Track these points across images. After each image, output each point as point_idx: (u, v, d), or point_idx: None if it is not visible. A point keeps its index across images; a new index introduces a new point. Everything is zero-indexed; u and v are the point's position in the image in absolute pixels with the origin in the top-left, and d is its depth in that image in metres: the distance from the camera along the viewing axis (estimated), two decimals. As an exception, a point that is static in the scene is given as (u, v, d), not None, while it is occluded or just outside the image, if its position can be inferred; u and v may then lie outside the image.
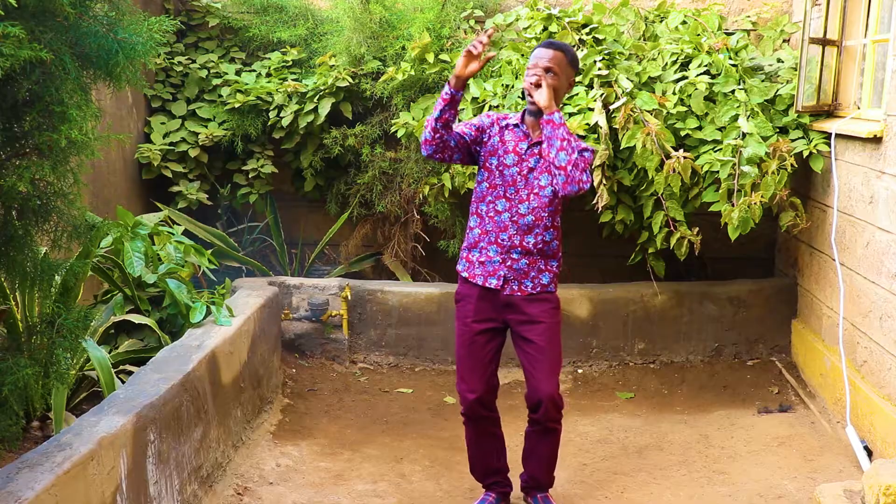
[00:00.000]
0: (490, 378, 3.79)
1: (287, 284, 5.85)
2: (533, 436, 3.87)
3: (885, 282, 4.39)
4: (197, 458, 3.79)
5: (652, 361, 5.86)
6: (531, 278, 3.72)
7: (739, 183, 5.00)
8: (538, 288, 3.73)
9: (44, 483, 2.60)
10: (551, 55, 3.58)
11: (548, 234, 3.71)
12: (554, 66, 3.58)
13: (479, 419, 3.82)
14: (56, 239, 3.12)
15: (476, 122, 3.75)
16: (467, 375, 3.77)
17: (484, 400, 3.77)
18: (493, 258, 3.71)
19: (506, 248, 3.69)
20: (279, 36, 6.41)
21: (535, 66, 3.59)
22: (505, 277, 3.70)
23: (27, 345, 3.26)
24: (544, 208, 3.67)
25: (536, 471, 3.92)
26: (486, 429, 3.87)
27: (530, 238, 3.68)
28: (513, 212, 3.67)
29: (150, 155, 6.14)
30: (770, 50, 5.85)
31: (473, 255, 3.77)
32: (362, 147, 6.16)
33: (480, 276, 3.74)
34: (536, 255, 3.71)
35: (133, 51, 2.97)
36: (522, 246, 3.68)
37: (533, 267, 3.71)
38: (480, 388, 3.75)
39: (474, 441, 3.89)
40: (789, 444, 4.68)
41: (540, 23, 5.66)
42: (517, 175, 3.66)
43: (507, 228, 3.68)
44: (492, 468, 3.95)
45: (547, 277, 3.75)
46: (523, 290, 3.72)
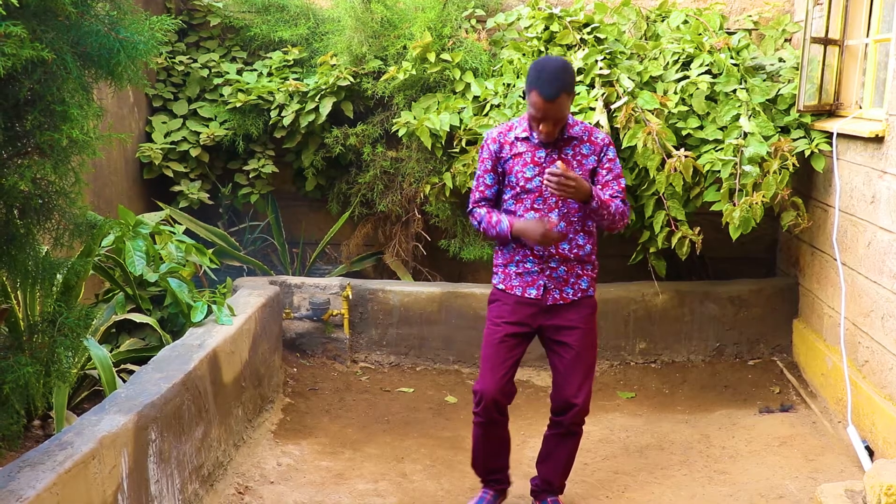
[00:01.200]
0: (509, 382, 3.73)
1: (288, 284, 5.85)
2: (553, 439, 3.85)
3: (887, 281, 4.38)
4: (198, 457, 3.79)
5: (653, 361, 5.86)
6: (571, 284, 3.70)
7: (741, 182, 5.00)
8: (579, 294, 3.72)
9: (45, 482, 2.61)
10: (554, 107, 3.46)
11: (581, 239, 3.69)
12: (561, 114, 3.51)
13: (490, 422, 3.76)
14: (57, 238, 3.12)
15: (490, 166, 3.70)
16: (489, 376, 3.70)
17: (500, 403, 3.72)
18: (530, 269, 3.69)
19: (543, 258, 3.67)
20: (280, 35, 6.41)
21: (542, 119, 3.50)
22: (545, 287, 3.68)
23: (28, 343, 3.25)
24: (574, 213, 3.64)
25: (552, 474, 3.90)
26: (496, 432, 3.82)
27: (565, 245, 3.66)
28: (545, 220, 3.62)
29: (152, 154, 6.15)
30: (772, 49, 5.85)
31: (510, 268, 3.74)
32: (363, 146, 6.16)
33: (519, 286, 3.72)
34: (574, 262, 3.69)
35: (134, 50, 2.97)
36: (559, 254, 3.66)
37: (571, 273, 3.70)
38: (499, 391, 3.69)
39: (482, 441, 3.85)
40: (790, 443, 4.68)
41: (541, 22, 5.66)
42: (541, 185, 3.60)
43: None
44: (495, 466, 3.94)
45: (586, 282, 3.74)
46: (565, 297, 3.70)
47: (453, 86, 5.91)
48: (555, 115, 3.48)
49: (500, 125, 3.87)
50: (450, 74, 5.88)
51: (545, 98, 3.44)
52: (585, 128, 3.69)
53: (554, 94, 3.44)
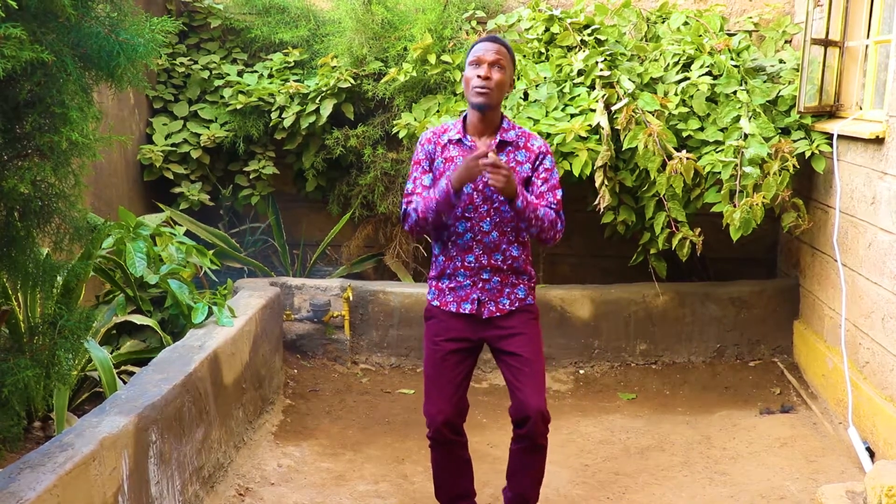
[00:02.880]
0: (459, 401, 3.55)
1: (289, 285, 5.85)
2: (519, 453, 3.63)
3: (888, 283, 4.38)
4: (198, 459, 3.80)
5: (654, 362, 5.86)
6: (507, 295, 3.52)
7: (741, 184, 5.00)
8: (516, 303, 3.54)
9: (45, 483, 2.61)
10: (495, 48, 3.36)
11: (515, 250, 3.50)
12: (500, 59, 3.36)
13: (446, 443, 3.56)
14: (58, 240, 3.12)
15: (427, 165, 3.53)
16: (435, 397, 3.52)
17: (453, 423, 3.53)
18: (462, 283, 3.50)
19: (474, 269, 3.48)
20: (281, 37, 6.42)
21: (480, 62, 3.36)
22: (479, 300, 3.50)
23: (29, 345, 3.25)
24: (507, 223, 3.45)
25: (523, 488, 3.68)
26: (454, 453, 3.62)
27: (498, 255, 3.47)
28: (475, 231, 3.45)
29: (152, 156, 6.15)
30: (772, 51, 5.85)
31: (443, 283, 3.55)
32: (364, 148, 6.17)
33: (453, 302, 3.52)
34: (507, 272, 3.51)
35: (135, 52, 2.97)
36: (491, 265, 3.47)
37: (506, 283, 3.52)
38: (449, 411, 3.51)
39: (440, 465, 3.65)
40: (791, 445, 4.68)
41: (542, 24, 5.66)
42: (473, 192, 3.42)
43: (473, 249, 3.47)
44: (458, 493, 3.71)
45: (523, 291, 3.56)
46: (501, 308, 3.52)
47: (454, 87, 5.91)
48: (493, 57, 3.34)
49: (435, 126, 3.69)
50: (450, 76, 5.88)
51: (483, 41, 3.40)
52: (522, 133, 3.52)
53: (493, 39, 3.40)
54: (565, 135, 5.12)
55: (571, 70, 5.43)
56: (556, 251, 6.32)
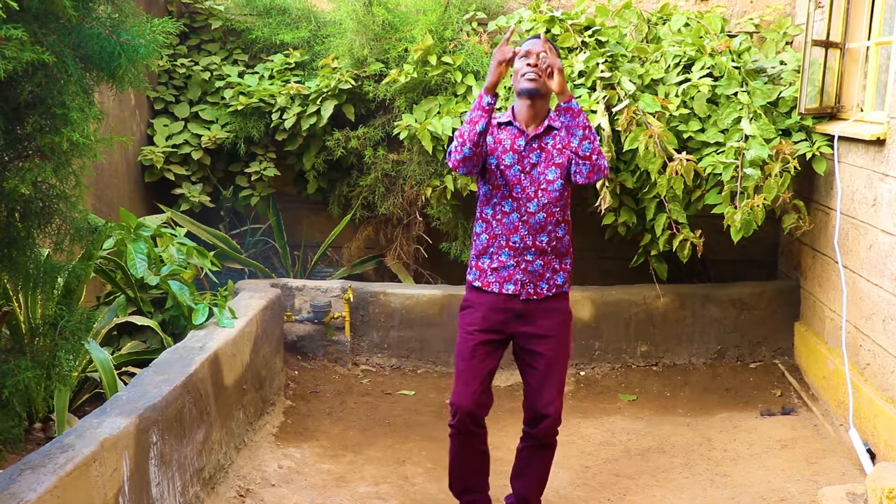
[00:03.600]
0: (484, 392, 3.63)
1: (289, 286, 5.85)
2: (527, 451, 3.72)
3: (888, 284, 4.38)
4: (199, 460, 3.79)
5: (654, 364, 5.86)
6: (546, 279, 3.60)
7: (742, 185, 5.00)
8: (553, 289, 3.61)
9: (46, 484, 2.61)
10: (541, 44, 3.44)
11: (560, 230, 3.60)
12: (549, 51, 3.42)
13: (467, 433, 3.65)
14: (58, 241, 3.12)
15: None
16: (462, 387, 3.61)
17: (476, 415, 3.62)
18: (506, 262, 3.57)
19: (518, 249, 3.56)
20: (282, 38, 6.41)
21: (530, 54, 3.46)
22: (521, 281, 3.58)
23: (30, 346, 3.25)
24: (555, 203, 3.55)
25: (527, 489, 3.77)
26: (473, 445, 3.70)
27: (543, 237, 3.56)
28: (522, 211, 3.54)
29: (153, 157, 6.15)
30: (773, 52, 5.85)
31: (484, 262, 3.62)
32: (365, 149, 6.16)
33: (496, 283, 3.59)
34: (551, 255, 3.59)
35: (135, 53, 2.97)
36: (536, 246, 3.55)
37: (548, 268, 3.59)
38: (475, 403, 3.59)
39: (458, 456, 3.73)
40: (792, 446, 4.68)
41: (543, 25, 5.66)
42: (520, 173, 3.54)
43: (518, 229, 3.55)
44: (471, 486, 3.79)
45: (562, 277, 3.64)
46: (539, 292, 3.58)
47: (455, 89, 5.91)
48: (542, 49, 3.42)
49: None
50: (451, 77, 5.88)
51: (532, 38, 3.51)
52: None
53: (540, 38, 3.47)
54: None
55: (572, 71, 5.43)
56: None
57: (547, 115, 3.59)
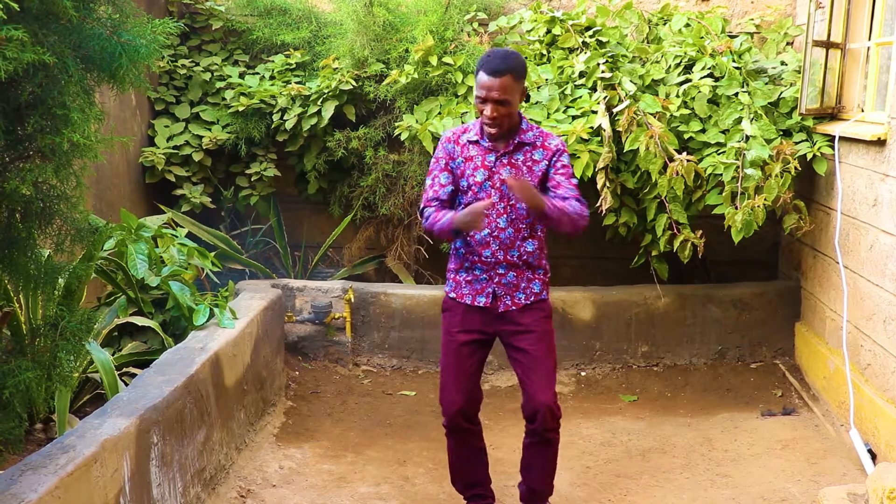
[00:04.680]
0: (473, 390, 3.71)
1: (290, 287, 5.85)
2: (531, 447, 3.78)
3: (889, 284, 4.38)
4: (200, 461, 3.80)
5: (655, 364, 5.85)
6: (522, 289, 3.65)
7: (743, 186, 5.00)
8: (531, 297, 3.66)
9: (47, 485, 2.61)
10: (499, 83, 3.38)
11: (529, 245, 3.62)
12: (506, 96, 3.40)
13: (461, 431, 3.74)
14: (59, 242, 3.12)
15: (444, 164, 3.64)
16: (450, 387, 3.69)
17: (466, 412, 3.69)
18: (479, 276, 3.64)
19: (490, 264, 3.62)
20: (283, 38, 6.41)
21: (486, 100, 3.41)
22: (494, 294, 3.64)
23: (31, 347, 3.25)
24: (522, 219, 3.58)
25: (535, 482, 3.83)
26: (469, 441, 3.78)
27: (514, 251, 3.61)
28: (492, 227, 3.57)
29: (154, 158, 6.15)
30: (773, 53, 5.85)
31: (460, 275, 3.70)
32: (366, 150, 6.16)
33: (469, 295, 3.67)
34: (522, 267, 3.63)
35: (136, 53, 2.97)
36: (507, 260, 3.61)
37: (521, 278, 3.64)
38: (462, 400, 3.67)
39: (456, 453, 3.82)
40: (793, 447, 4.67)
41: (543, 25, 5.66)
42: (490, 189, 3.56)
43: (490, 244, 3.59)
44: (473, 480, 3.88)
45: (538, 285, 3.68)
46: (517, 302, 3.65)
47: (455, 89, 5.91)
48: (499, 95, 3.38)
49: (456, 127, 3.83)
50: (452, 78, 5.88)
51: (488, 73, 3.39)
52: (540, 133, 3.61)
53: (498, 69, 3.38)
54: (567, 137, 5.12)
55: (573, 72, 5.43)
56: (558, 253, 6.31)
57: (517, 130, 3.58)
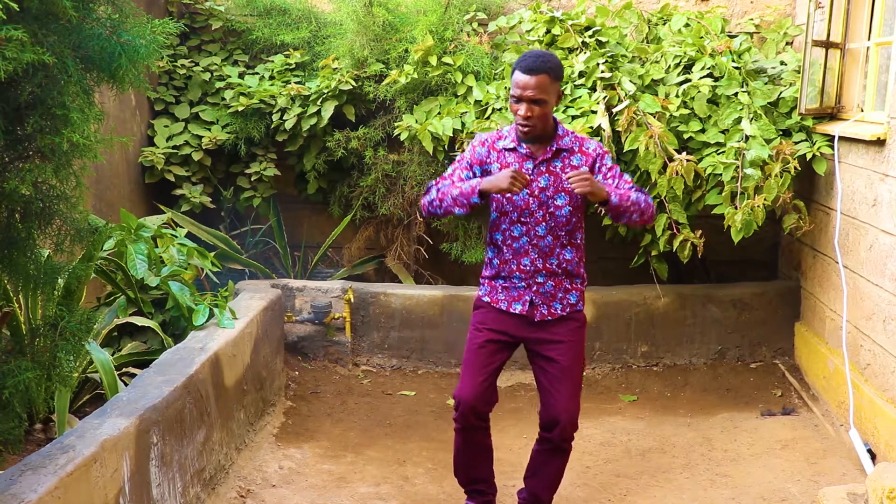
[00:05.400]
0: (489, 389, 3.64)
1: (290, 287, 5.85)
2: (542, 454, 3.75)
3: (889, 284, 4.38)
4: (200, 461, 3.79)
5: (655, 364, 5.85)
6: (559, 300, 3.61)
7: (742, 186, 5.00)
8: (567, 308, 3.62)
9: (47, 485, 2.61)
10: (535, 82, 3.35)
11: (568, 253, 3.59)
12: (542, 95, 3.38)
13: (471, 429, 3.68)
14: (59, 242, 3.12)
15: (473, 159, 3.61)
16: (467, 382, 3.62)
17: (479, 410, 3.64)
18: (517, 284, 3.60)
19: (529, 273, 3.57)
20: (282, 39, 6.41)
21: (521, 99, 3.39)
22: (531, 302, 3.59)
23: (30, 347, 3.25)
24: (562, 227, 3.55)
25: (541, 490, 3.79)
26: (477, 439, 3.74)
27: (553, 259, 3.57)
28: (531, 235, 3.54)
29: (154, 158, 6.15)
30: (773, 53, 5.85)
31: (497, 282, 3.65)
32: (365, 150, 6.16)
33: (504, 301, 3.62)
34: (561, 276, 3.60)
35: (136, 53, 2.97)
36: (546, 268, 3.57)
37: (559, 288, 3.60)
38: (478, 398, 3.61)
39: (463, 449, 3.77)
40: (792, 447, 4.68)
41: (543, 25, 5.66)
42: (529, 197, 3.52)
43: (529, 253, 3.56)
44: (476, 477, 3.84)
45: (575, 296, 3.64)
46: (553, 312, 3.60)
47: (455, 89, 5.91)
48: (534, 94, 3.36)
49: (491, 131, 3.78)
50: (451, 78, 5.88)
51: (523, 70, 3.36)
52: (576, 138, 3.59)
53: (534, 67, 3.36)
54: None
55: (572, 72, 5.43)
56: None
57: (555, 132, 3.55)
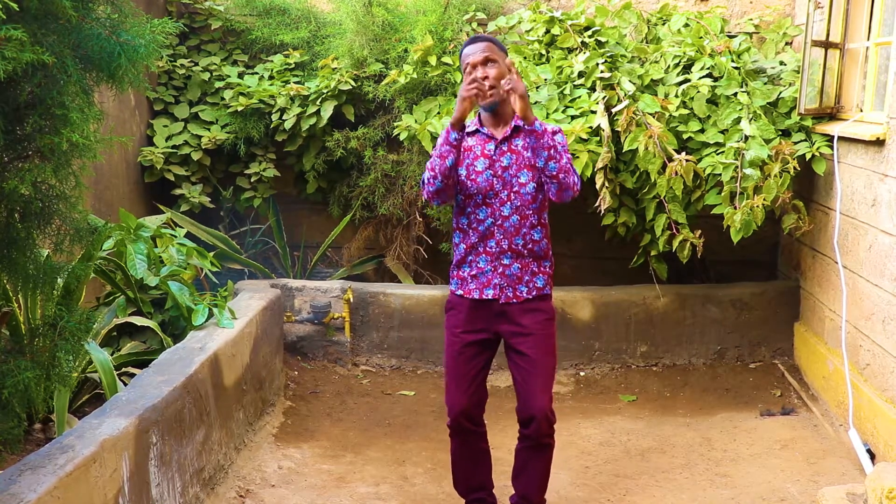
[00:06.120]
0: (476, 392, 3.64)
1: (289, 287, 5.85)
2: (524, 452, 3.71)
3: (888, 284, 4.38)
4: (199, 461, 3.79)
5: (654, 364, 5.86)
6: (525, 283, 3.58)
7: (742, 186, 5.00)
8: (534, 292, 3.59)
9: (46, 485, 2.61)
10: (484, 46, 3.45)
11: (536, 233, 3.56)
12: (493, 56, 3.44)
13: (464, 433, 3.67)
14: (58, 241, 3.12)
15: None
16: (453, 388, 3.62)
17: (470, 414, 3.63)
18: (484, 269, 3.58)
19: (495, 254, 3.55)
20: (282, 38, 6.42)
21: (475, 64, 3.43)
22: (499, 286, 3.58)
23: (30, 347, 3.25)
24: (528, 205, 3.52)
25: (528, 489, 3.75)
26: (472, 443, 3.72)
27: (518, 240, 3.54)
28: (496, 216, 3.52)
29: (153, 158, 6.15)
30: (772, 53, 5.85)
31: (464, 270, 3.64)
32: (365, 150, 6.17)
33: (476, 289, 3.61)
34: (528, 258, 3.57)
35: (135, 53, 2.97)
36: (512, 249, 3.54)
37: (526, 271, 3.57)
38: (465, 402, 3.60)
39: (459, 455, 3.75)
40: (792, 446, 4.68)
41: (542, 25, 5.66)
42: (492, 178, 3.51)
43: (494, 234, 3.54)
44: (476, 484, 3.81)
45: (542, 280, 3.61)
46: (518, 295, 3.58)
47: (454, 89, 5.91)
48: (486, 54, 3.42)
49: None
50: (451, 78, 5.88)
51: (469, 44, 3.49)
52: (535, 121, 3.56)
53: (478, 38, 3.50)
54: (566, 137, 5.12)
55: (572, 72, 5.43)
56: (557, 252, 6.29)
57: (514, 114, 3.54)
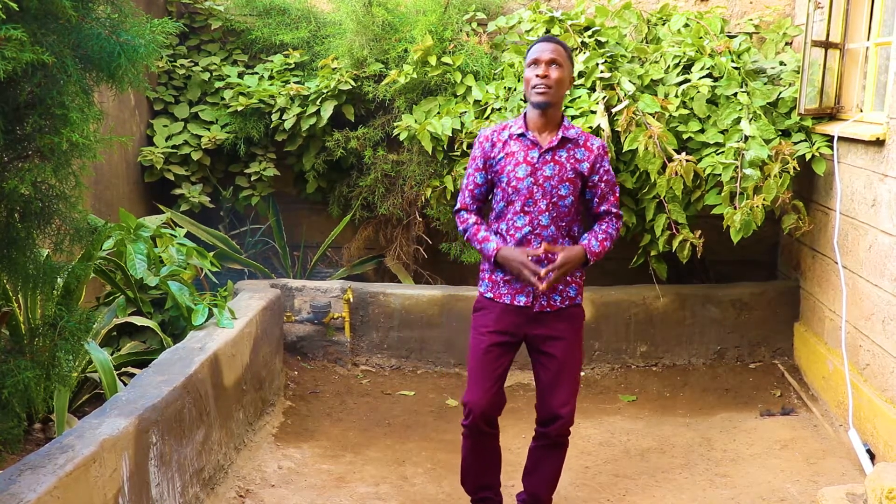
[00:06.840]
0: (497, 393, 3.62)
1: (289, 287, 5.85)
2: (539, 451, 3.75)
3: (888, 285, 4.38)
4: (199, 461, 3.79)
5: (654, 364, 5.86)
6: (559, 292, 3.59)
7: (742, 186, 5.00)
8: (567, 301, 3.61)
9: (46, 485, 2.61)
10: (552, 47, 3.48)
11: (568, 244, 3.57)
12: (559, 58, 3.47)
13: (479, 434, 3.65)
14: (58, 241, 3.12)
15: (481, 163, 3.62)
16: (475, 388, 3.59)
17: (489, 416, 3.61)
18: None
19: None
20: (282, 38, 6.42)
21: (538, 62, 3.47)
22: (533, 294, 3.57)
23: (29, 347, 3.25)
24: (564, 217, 3.55)
25: (539, 488, 3.78)
26: (485, 443, 3.70)
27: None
28: (534, 225, 3.52)
29: (153, 158, 6.15)
30: (772, 53, 5.85)
31: (498, 275, 3.62)
32: (365, 149, 6.16)
33: (508, 294, 3.59)
34: None
35: (135, 53, 2.97)
36: (548, 259, 3.52)
37: (560, 280, 3.56)
38: (485, 403, 3.58)
39: (471, 455, 3.74)
40: (792, 447, 4.68)
41: (542, 25, 5.66)
42: (533, 186, 3.51)
43: (531, 243, 3.53)
44: (484, 483, 3.81)
45: (574, 290, 3.63)
46: (553, 304, 3.59)
47: (454, 89, 5.91)
48: (552, 56, 3.46)
49: (495, 125, 3.82)
50: (451, 78, 5.88)
51: (541, 41, 3.53)
52: (581, 132, 3.61)
53: (550, 39, 3.54)
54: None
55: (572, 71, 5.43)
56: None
57: (561, 122, 3.57)
